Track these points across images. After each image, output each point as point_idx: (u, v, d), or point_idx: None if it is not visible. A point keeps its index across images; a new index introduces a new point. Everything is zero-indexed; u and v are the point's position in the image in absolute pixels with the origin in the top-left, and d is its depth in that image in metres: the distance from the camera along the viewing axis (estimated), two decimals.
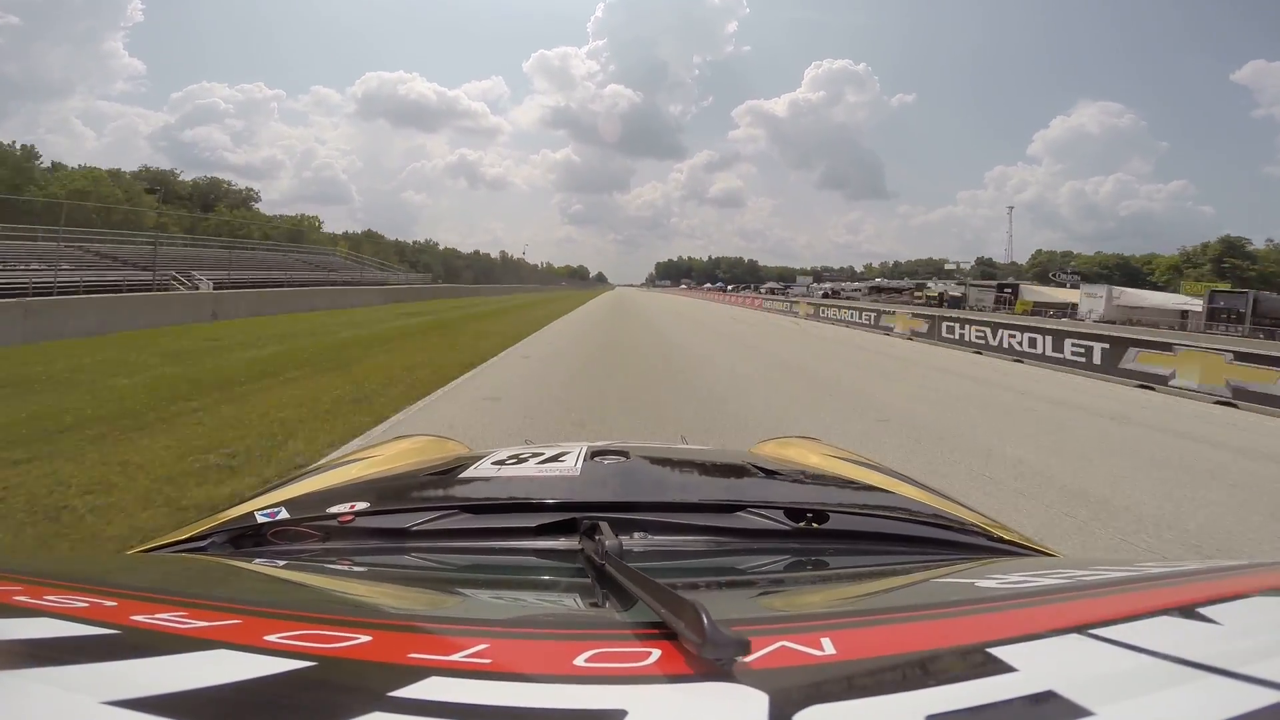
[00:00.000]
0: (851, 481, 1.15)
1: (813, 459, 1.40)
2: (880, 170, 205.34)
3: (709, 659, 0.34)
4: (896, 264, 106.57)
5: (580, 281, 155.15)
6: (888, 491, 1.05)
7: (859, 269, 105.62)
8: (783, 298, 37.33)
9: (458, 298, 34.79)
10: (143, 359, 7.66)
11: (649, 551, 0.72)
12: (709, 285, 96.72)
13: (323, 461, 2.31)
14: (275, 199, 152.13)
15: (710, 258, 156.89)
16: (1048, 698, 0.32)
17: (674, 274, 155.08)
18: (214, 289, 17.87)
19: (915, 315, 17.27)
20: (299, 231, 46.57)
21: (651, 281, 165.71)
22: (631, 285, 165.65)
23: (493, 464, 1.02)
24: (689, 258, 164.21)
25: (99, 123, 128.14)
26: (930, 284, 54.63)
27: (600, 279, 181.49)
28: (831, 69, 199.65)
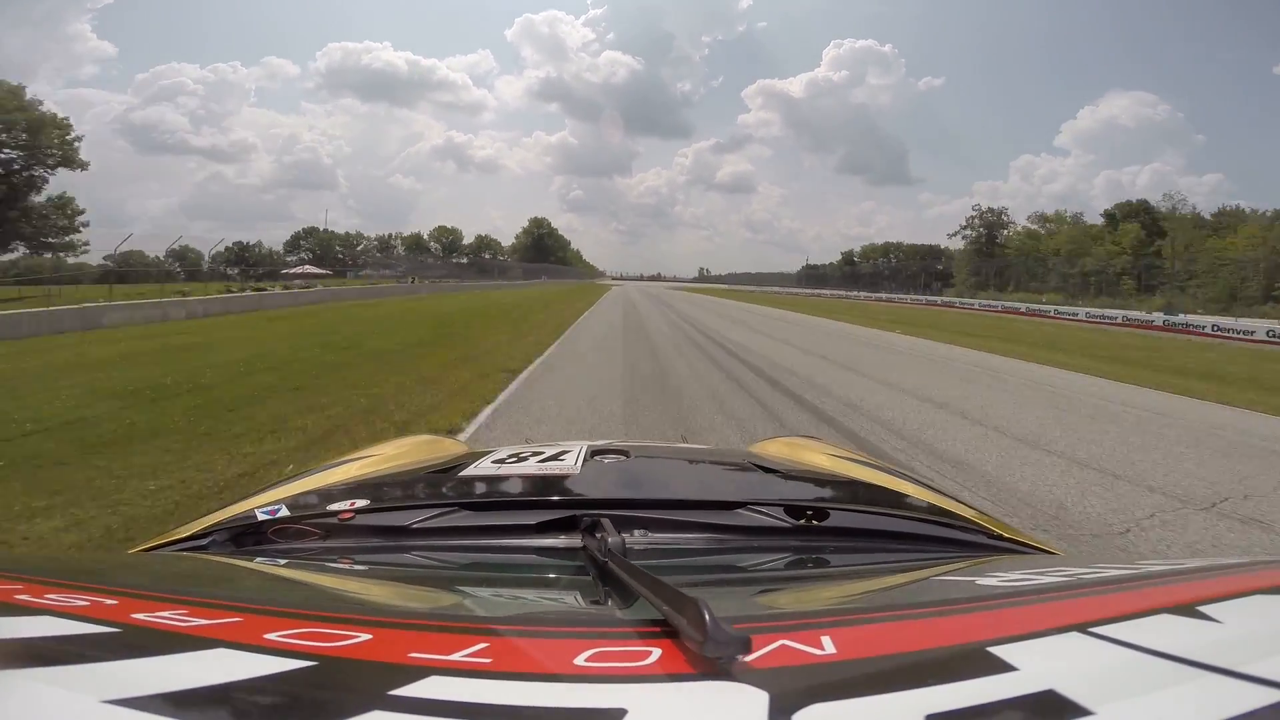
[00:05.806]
0: (852, 479, 1.15)
1: (813, 457, 1.40)
2: (904, 157, 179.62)
3: (710, 656, 0.34)
4: None
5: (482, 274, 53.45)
6: (888, 489, 1.05)
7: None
8: None
9: None
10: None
11: (650, 549, 0.72)
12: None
13: (323, 461, 2.33)
14: (255, 183, 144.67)
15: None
16: (1048, 696, 0.32)
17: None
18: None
19: None
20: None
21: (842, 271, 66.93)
22: (658, 281, 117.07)
23: (493, 462, 1.02)
24: None
25: (77, 109, 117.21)
26: None
27: (561, 260, 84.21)
28: (854, 48, 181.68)
